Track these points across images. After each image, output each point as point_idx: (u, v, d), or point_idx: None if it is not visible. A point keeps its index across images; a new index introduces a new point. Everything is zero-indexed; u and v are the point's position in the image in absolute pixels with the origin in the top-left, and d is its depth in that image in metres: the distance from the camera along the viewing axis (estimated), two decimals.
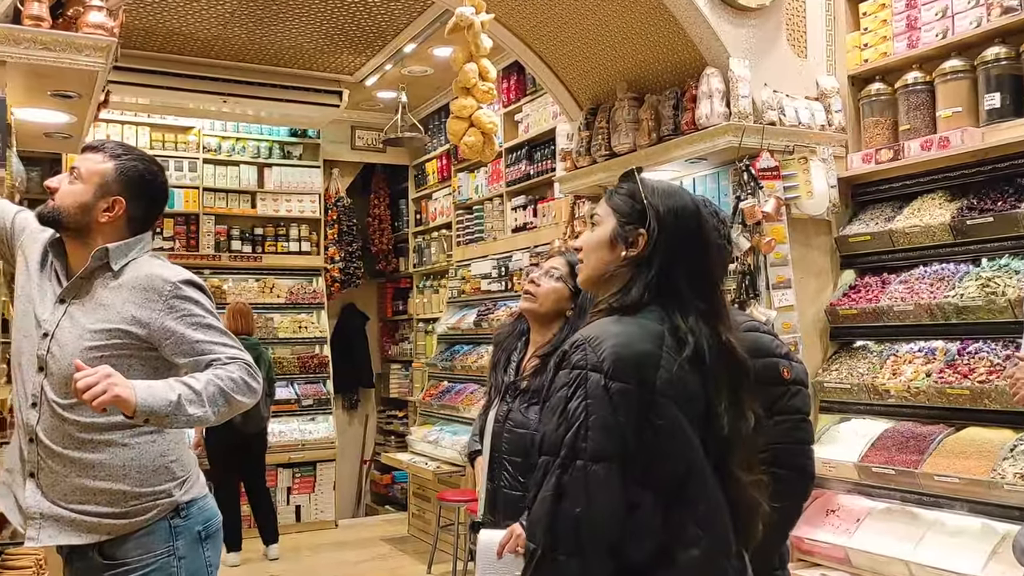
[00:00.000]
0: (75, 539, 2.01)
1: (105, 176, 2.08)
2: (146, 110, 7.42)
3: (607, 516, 1.43)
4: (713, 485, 1.52)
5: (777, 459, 2.05)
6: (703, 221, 1.64)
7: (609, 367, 1.46)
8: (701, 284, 1.59)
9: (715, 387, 1.54)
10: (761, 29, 3.97)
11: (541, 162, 6.29)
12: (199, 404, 1.92)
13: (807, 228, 3.97)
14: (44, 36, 2.65)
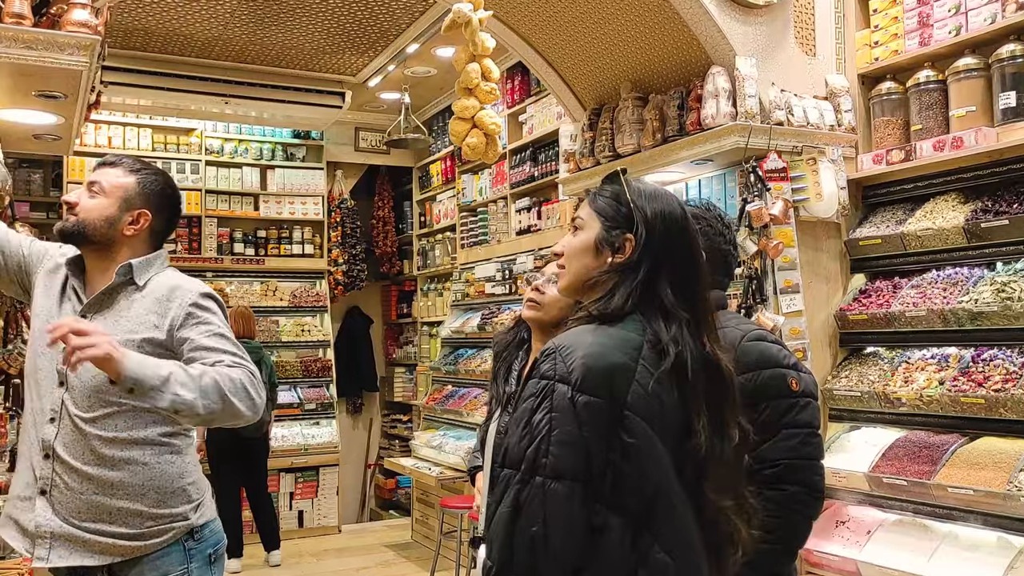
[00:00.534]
0: (87, 560, 1.97)
1: (128, 190, 2.12)
2: (148, 111, 7.36)
3: (565, 537, 1.33)
4: (684, 510, 1.42)
5: (785, 475, 1.96)
6: (689, 225, 1.55)
7: (578, 378, 1.37)
8: (687, 292, 1.50)
9: (695, 403, 1.44)
10: (768, 27, 3.87)
11: (545, 164, 6.20)
12: (190, 389, 1.85)
13: (816, 231, 3.86)
14: (25, 34, 2.58)
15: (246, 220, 7.96)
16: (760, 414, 1.97)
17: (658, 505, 1.38)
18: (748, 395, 1.94)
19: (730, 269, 2.28)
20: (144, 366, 1.81)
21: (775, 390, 2.00)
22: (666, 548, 1.37)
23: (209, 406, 1.88)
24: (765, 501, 1.92)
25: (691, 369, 1.44)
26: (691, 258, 1.54)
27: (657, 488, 1.38)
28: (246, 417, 1.96)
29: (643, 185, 1.57)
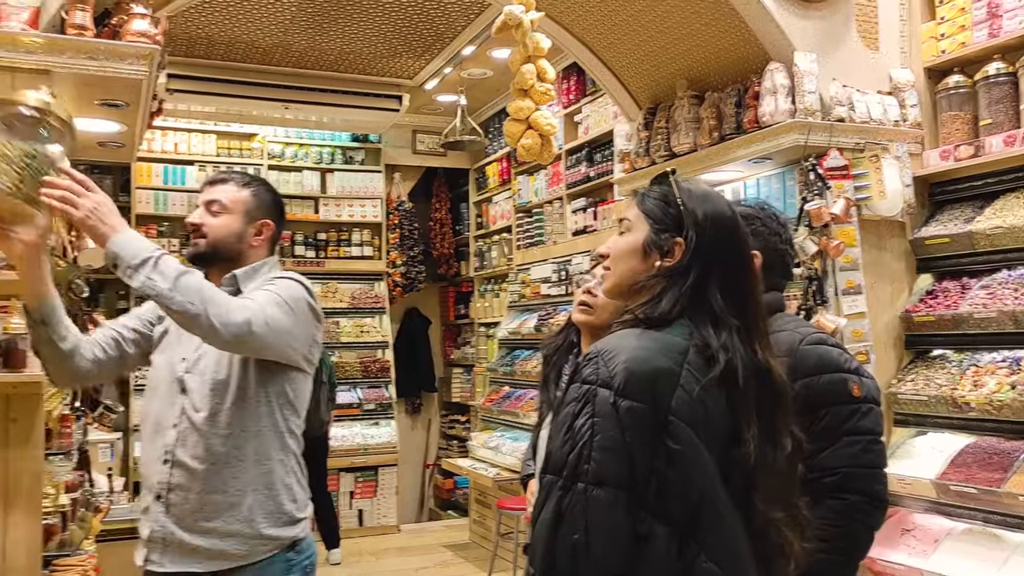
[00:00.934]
0: (197, 566, 2.01)
1: (248, 203, 2.20)
2: (212, 118, 7.54)
3: (607, 545, 1.29)
4: (732, 519, 1.37)
5: (846, 483, 1.90)
6: (740, 228, 1.50)
7: (620, 383, 1.33)
8: (737, 297, 1.45)
9: (745, 411, 1.39)
10: (829, 21, 3.77)
11: (601, 164, 6.16)
12: (167, 279, 1.84)
13: (880, 230, 3.76)
14: (87, 45, 2.66)
15: (306, 223, 8.09)
16: (819, 420, 1.91)
17: (704, 513, 1.34)
18: (807, 401, 1.89)
19: (788, 269, 2.22)
20: (127, 245, 1.84)
21: (835, 395, 1.94)
22: (713, 558, 1.33)
23: (184, 304, 1.85)
24: (825, 510, 1.87)
25: (742, 376, 1.39)
26: (742, 262, 1.49)
27: (702, 495, 1.34)
28: (216, 336, 1.91)
29: (693, 186, 1.52)
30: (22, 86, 2.63)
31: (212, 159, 7.67)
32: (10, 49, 2.59)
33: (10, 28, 2.61)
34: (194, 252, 2.17)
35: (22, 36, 2.60)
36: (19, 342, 2.50)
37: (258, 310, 1.97)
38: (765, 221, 2.12)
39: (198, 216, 2.18)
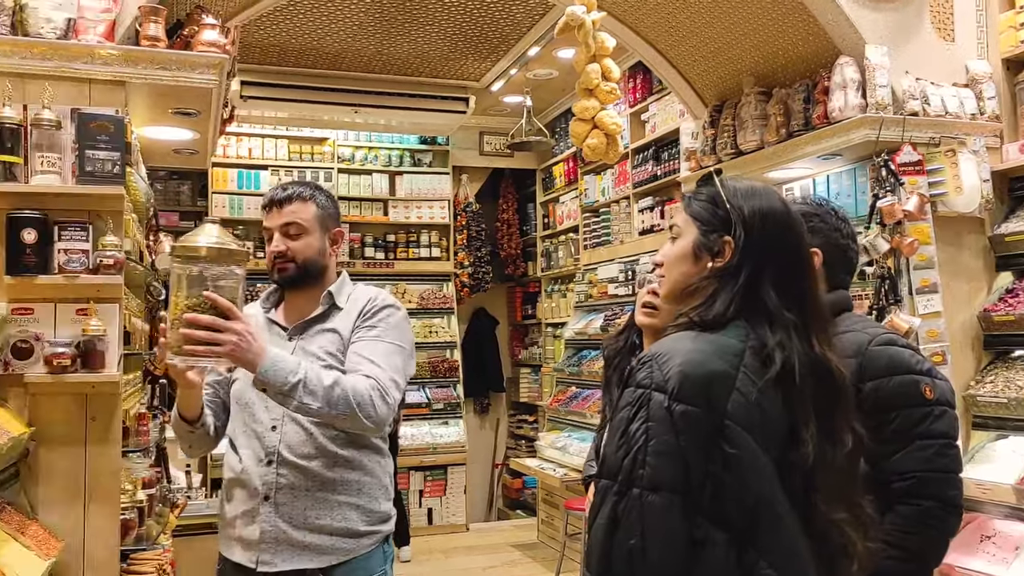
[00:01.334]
0: (308, 563, 2.07)
1: (320, 217, 2.24)
2: (284, 123, 7.71)
3: (664, 550, 1.27)
4: (791, 522, 1.34)
5: (920, 489, 1.85)
6: (793, 221, 1.46)
7: (674, 387, 1.30)
8: (793, 292, 1.42)
9: (802, 411, 1.36)
10: (901, 13, 3.66)
11: (668, 162, 6.10)
12: (317, 398, 1.95)
13: (956, 227, 3.63)
14: (160, 56, 2.75)
15: (376, 225, 8.21)
16: (890, 423, 1.86)
17: (762, 518, 1.31)
18: (876, 403, 1.85)
19: (851, 266, 2.16)
20: (274, 373, 1.91)
21: (906, 398, 1.89)
22: (773, 564, 1.30)
23: (335, 415, 1.99)
24: (897, 516, 1.82)
25: (799, 374, 1.36)
26: (796, 255, 1.45)
27: (759, 499, 1.31)
28: (368, 429, 2.06)
29: (739, 184, 1.49)
30: (99, 97, 2.74)
31: (284, 164, 7.85)
32: (87, 61, 2.70)
33: (87, 41, 2.71)
34: (285, 278, 2.20)
35: (99, 49, 2.70)
36: (97, 343, 2.60)
37: (390, 383, 2.09)
38: (823, 217, 2.07)
39: (281, 243, 2.18)
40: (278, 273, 2.19)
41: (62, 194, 2.61)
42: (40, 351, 2.57)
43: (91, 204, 2.65)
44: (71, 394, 2.63)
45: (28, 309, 2.59)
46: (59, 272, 2.58)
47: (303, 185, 2.27)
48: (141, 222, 3.43)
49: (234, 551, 2.12)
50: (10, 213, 2.56)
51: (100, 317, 2.61)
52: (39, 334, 2.58)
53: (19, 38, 2.64)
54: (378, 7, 5.73)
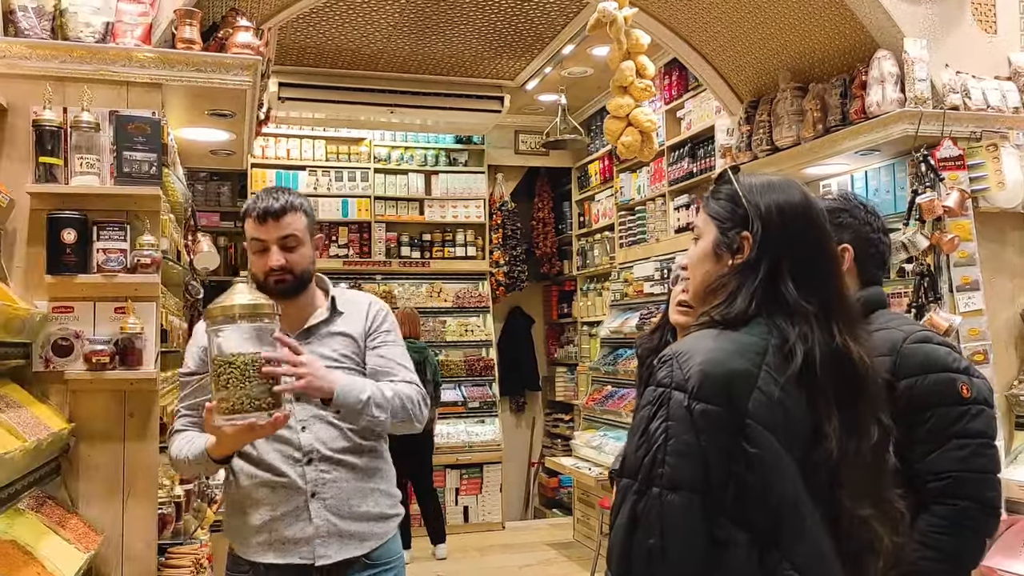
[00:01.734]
0: (355, 551, 2.15)
1: (309, 226, 2.22)
2: (321, 124, 7.79)
3: (683, 550, 1.27)
4: (815, 522, 1.32)
5: (956, 489, 1.81)
6: (812, 212, 1.44)
7: (695, 386, 1.29)
8: (814, 284, 1.40)
9: (824, 406, 1.34)
10: (941, 5, 3.60)
11: (704, 159, 6.04)
12: (384, 409, 2.09)
13: (999, 223, 3.56)
14: (195, 58, 2.79)
15: (412, 224, 8.25)
16: (925, 422, 1.83)
17: (785, 518, 1.30)
18: (911, 402, 1.82)
19: (883, 260, 2.12)
20: (347, 395, 2.03)
21: (942, 396, 1.85)
22: (796, 564, 1.29)
23: (396, 423, 2.14)
24: (933, 516, 1.79)
25: (820, 366, 1.34)
26: (817, 247, 1.43)
27: (782, 500, 1.30)
28: (416, 430, 2.24)
29: (756, 179, 1.48)
30: (136, 99, 2.79)
31: (322, 164, 7.93)
32: (125, 64, 2.75)
33: (125, 44, 2.77)
34: (284, 290, 2.15)
35: (136, 52, 2.75)
36: (135, 341, 2.65)
37: (417, 381, 2.25)
38: (852, 212, 2.03)
39: (280, 257, 2.13)
40: (276, 285, 2.13)
41: (101, 195, 2.67)
42: (80, 349, 2.62)
43: (129, 204, 2.71)
44: (110, 391, 2.68)
45: (68, 307, 2.65)
46: (98, 271, 2.64)
47: (289, 193, 2.21)
48: (179, 222, 3.49)
49: (270, 554, 2.11)
50: (50, 214, 2.63)
51: (138, 315, 2.66)
52: (79, 332, 2.64)
53: (59, 42, 2.70)
54: (414, 8, 5.76)
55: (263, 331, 1.85)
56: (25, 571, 1.98)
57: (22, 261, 2.65)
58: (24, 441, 2.03)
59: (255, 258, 2.15)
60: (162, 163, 2.71)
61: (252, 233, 2.14)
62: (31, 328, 2.52)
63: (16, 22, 2.67)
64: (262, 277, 2.14)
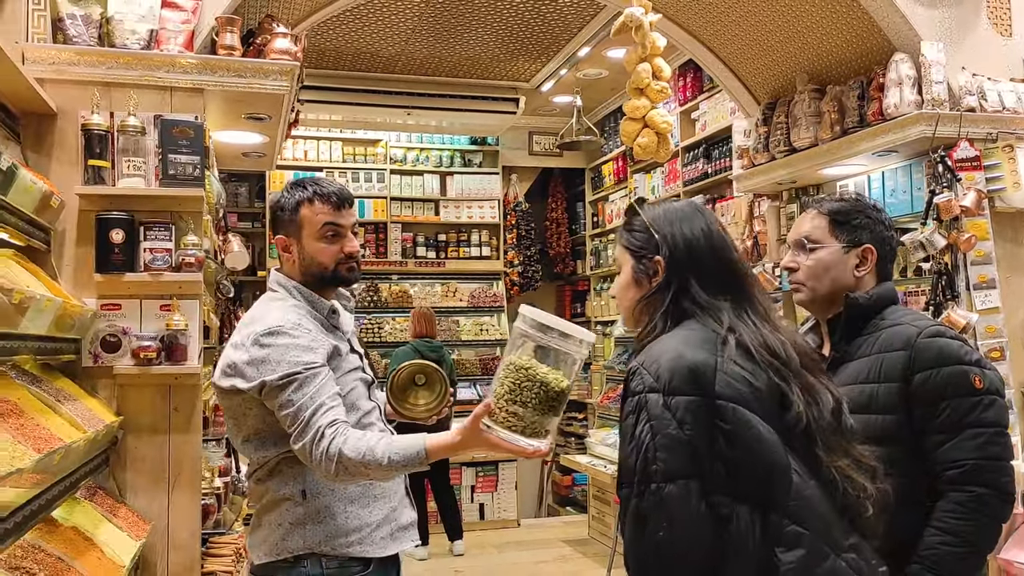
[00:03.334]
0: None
1: None
2: (339, 125, 7.89)
3: (691, 535, 1.37)
4: (803, 479, 1.44)
5: (973, 476, 1.88)
6: (712, 232, 1.60)
7: (665, 384, 1.42)
8: (722, 286, 1.56)
9: (777, 375, 1.48)
10: (958, 9, 3.67)
11: (719, 160, 6.12)
12: None
13: (1015, 222, 3.63)
14: (236, 64, 2.88)
15: (427, 225, 8.35)
16: (940, 414, 1.90)
17: (775, 483, 1.41)
18: (925, 394, 1.89)
19: (895, 255, 2.20)
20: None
21: (956, 388, 1.92)
22: (796, 520, 1.40)
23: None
24: (950, 503, 1.86)
25: (753, 348, 1.48)
26: (718, 256, 1.58)
27: (771, 467, 1.42)
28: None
29: (660, 208, 1.65)
30: (179, 104, 2.89)
31: (339, 165, 8.03)
32: (169, 70, 2.85)
33: (168, 51, 2.86)
34: (355, 277, 2.12)
35: (179, 58, 2.85)
36: (180, 337, 2.74)
37: None
38: (867, 213, 2.09)
39: (355, 243, 2.10)
40: (349, 272, 2.09)
41: (147, 196, 2.77)
42: (127, 344, 2.72)
43: (173, 205, 2.80)
44: (155, 385, 2.78)
45: (116, 305, 2.74)
46: (145, 270, 2.73)
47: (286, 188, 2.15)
48: (213, 222, 3.58)
49: (391, 544, 2.06)
50: (99, 214, 2.72)
51: (182, 312, 2.76)
52: (126, 328, 2.74)
53: (107, 49, 2.79)
54: (432, 11, 5.85)
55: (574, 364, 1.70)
56: (87, 555, 2.07)
57: (71, 260, 2.75)
58: (85, 432, 2.12)
59: (325, 245, 2.05)
60: (204, 165, 2.80)
61: (327, 219, 2.04)
62: (81, 325, 2.61)
63: (64, 29, 2.77)
64: (332, 264, 2.06)
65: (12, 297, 1.79)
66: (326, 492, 1.98)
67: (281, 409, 1.87)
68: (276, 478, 1.98)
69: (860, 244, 2.03)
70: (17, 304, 1.83)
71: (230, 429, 2.04)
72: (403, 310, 8.02)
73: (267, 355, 1.89)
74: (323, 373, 1.91)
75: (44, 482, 1.83)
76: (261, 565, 1.99)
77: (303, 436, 1.84)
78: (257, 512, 2.04)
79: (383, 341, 7.82)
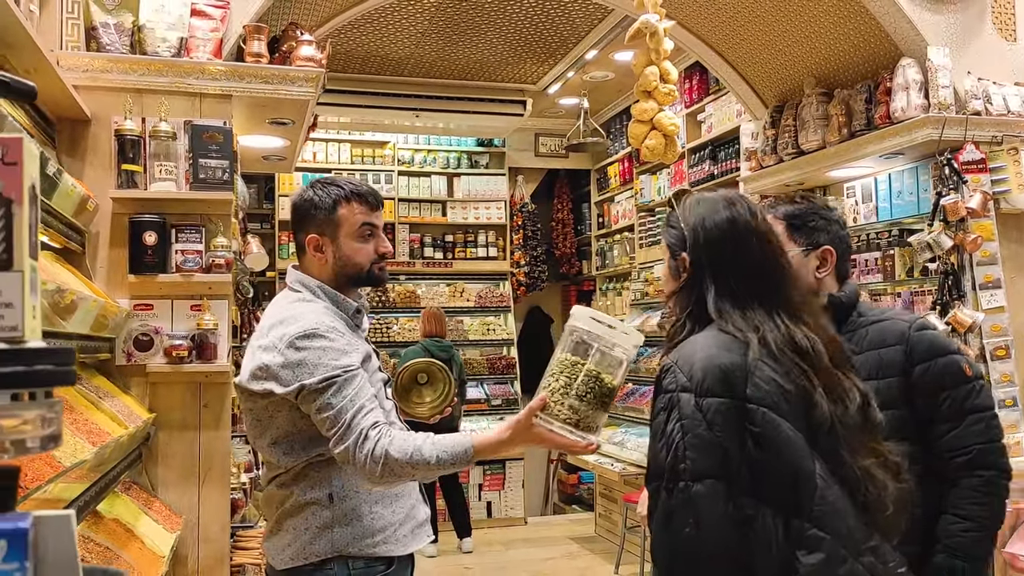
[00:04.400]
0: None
1: None
2: (347, 128, 7.96)
3: (717, 534, 1.42)
4: (827, 483, 1.46)
5: (980, 460, 1.97)
6: (735, 222, 1.58)
7: (698, 384, 1.46)
8: (747, 278, 1.55)
9: (803, 376, 1.49)
10: (963, 14, 3.75)
11: (725, 162, 6.20)
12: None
13: (1020, 223, 3.72)
14: (263, 71, 2.97)
15: (435, 225, 8.42)
16: (941, 403, 1.98)
17: (800, 488, 1.45)
18: (924, 385, 1.97)
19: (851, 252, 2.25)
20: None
21: (952, 378, 2.00)
22: (817, 523, 1.44)
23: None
24: (963, 489, 1.94)
25: (778, 348, 1.49)
26: (739, 248, 1.56)
27: (797, 472, 1.45)
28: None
29: (689, 200, 1.65)
30: (208, 110, 2.97)
31: (347, 167, 8.11)
32: (198, 77, 2.93)
33: (198, 58, 2.94)
34: (386, 276, 2.14)
35: (209, 65, 2.93)
36: (209, 336, 2.83)
37: None
38: (821, 214, 2.12)
39: (388, 243, 2.10)
40: (380, 272, 2.09)
41: (178, 199, 2.85)
42: (159, 343, 2.80)
43: (203, 208, 2.88)
44: (186, 383, 2.86)
45: (148, 305, 2.83)
46: (176, 271, 2.81)
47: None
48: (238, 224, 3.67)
49: (412, 541, 2.07)
50: (132, 217, 2.80)
51: (212, 312, 2.84)
52: (158, 328, 2.82)
53: (139, 56, 2.87)
54: (441, 15, 5.92)
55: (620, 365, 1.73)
56: (130, 546, 2.15)
57: (105, 262, 2.83)
58: (127, 427, 2.20)
59: (360, 244, 2.04)
60: (233, 169, 2.88)
61: (363, 219, 2.03)
62: (116, 324, 2.69)
63: (98, 38, 2.85)
64: (367, 264, 2.05)
65: (64, 298, 1.87)
66: (352, 495, 1.97)
67: (320, 412, 1.85)
68: (303, 482, 1.95)
69: (819, 246, 2.06)
70: (68, 304, 1.91)
71: (252, 431, 1.99)
72: (411, 310, 8.10)
73: (304, 358, 1.86)
74: (360, 375, 1.90)
75: (93, 475, 1.91)
76: (285, 570, 1.96)
77: (345, 439, 1.82)
78: (278, 517, 1.98)
79: (391, 341, 7.90)
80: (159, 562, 2.20)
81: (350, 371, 1.88)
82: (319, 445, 1.89)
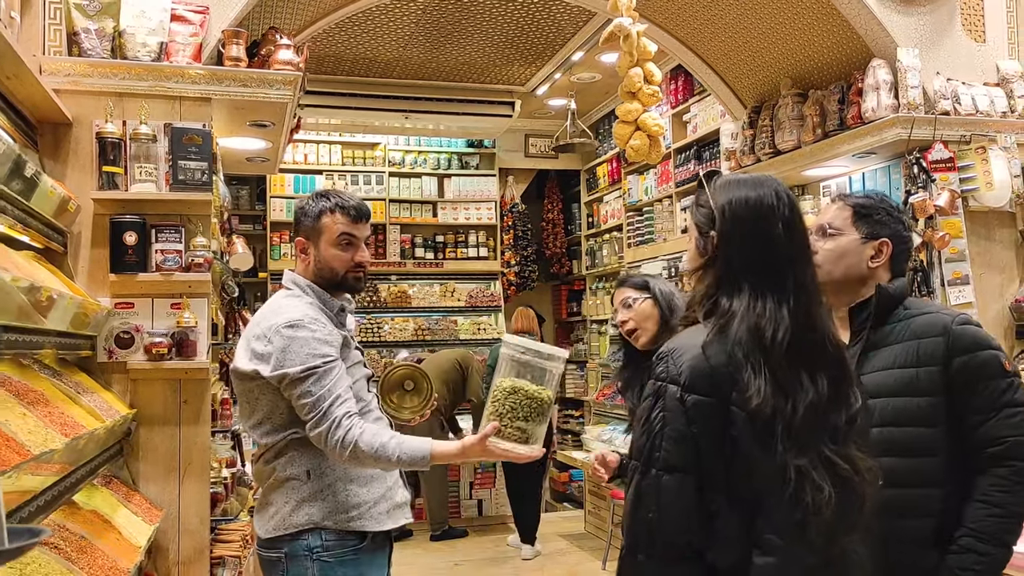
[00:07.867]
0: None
1: None
2: (338, 129, 8.03)
3: (677, 523, 1.47)
4: (792, 494, 1.44)
5: (1013, 451, 2.00)
6: (764, 207, 1.56)
7: (685, 380, 1.48)
8: (769, 270, 1.53)
9: (792, 375, 1.48)
10: (933, 16, 3.82)
11: (710, 161, 6.27)
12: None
13: (988, 221, 3.78)
14: (242, 74, 3.03)
15: (426, 226, 8.50)
16: (979, 395, 2.02)
17: (765, 491, 1.46)
18: (964, 377, 2.01)
19: (909, 256, 2.31)
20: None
21: (992, 371, 2.04)
22: (775, 530, 1.46)
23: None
24: (994, 478, 1.98)
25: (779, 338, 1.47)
26: (766, 237, 1.54)
27: (764, 475, 1.47)
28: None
29: (721, 180, 1.64)
30: (187, 113, 3.04)
31: (338, 168, 8.18)
32: (178, 80, 3.00)
33: (178, 62, 3.01)
34: (362, 285, 2.34)
35: (188, 69, 3.00)
36: (189, 334, 2.89)
37: None
38: (888, 211, 2.19)
39: (366, 253, 2.32)
40: (355, 281, 2.31)
41: (158, 200, 2.92)
42: (140, 341, 2.87)
43: (183, 209, 2.95)
44: (167, 379, 2.93)
45: (129, 303, 2.90)
46: (157, 270, 2.88)
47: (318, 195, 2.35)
48: (219, 225, 3.73)
49: (387, 520, 2.25)
50: (113, 218, 2.87)
51: (192, 310, 2.91)
52: (139, 326, 2.89)
53: (119, 61, 2.94)
54: (429, 18, 5.99)
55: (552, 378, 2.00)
56: (107, 536, 2.22)
57: (86, 261, 2.90)
58: (104, 421, 2.27)
59: (339, 252, 2.26)
60: (212, 171, 2.95)
61: (344, 229, 2.26)
62: (97, 322, 2.76)
63: (80, 43, 2.92)
64: (342, 271, 2.27)
65: (40, 295, 1.94)
66: (328, 472, 2.19)
67: (300, 399, 2.09)
68: (283, 459, 2.20)
69: (878, 237, 2.13)
70: (44, 302, 1.98)
71: (243, 412, 2.25)
72: (402, 310, 8.17)
73: (288, 345, 2.11)
74: (339, 366, 2.15)
75: (68, 467, 1.98)
76: (268, 539, 2.20)
77: (321, 424, 2.07)
78: (264, 491, 2.24)
79: (382, 341, 7.96)
80: (135, 551, 2.27)
81: (329, 361, 2.13)
82: (295, 425, 2.15)
